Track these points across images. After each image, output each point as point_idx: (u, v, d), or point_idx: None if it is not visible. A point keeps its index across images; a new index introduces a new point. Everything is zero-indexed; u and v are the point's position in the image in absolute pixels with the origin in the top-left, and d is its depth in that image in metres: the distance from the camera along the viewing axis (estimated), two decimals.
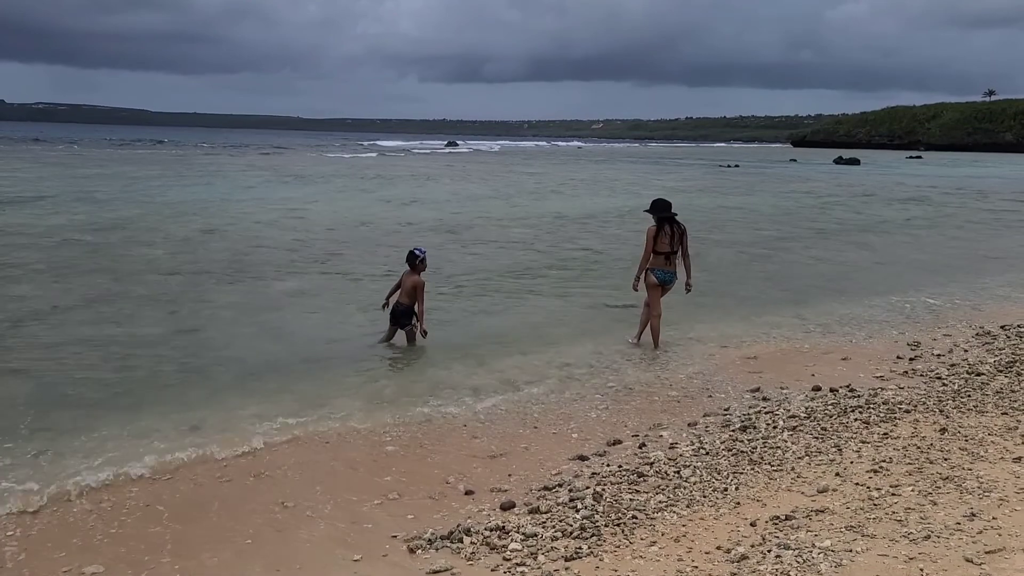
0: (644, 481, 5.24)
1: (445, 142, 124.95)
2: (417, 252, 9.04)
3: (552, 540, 4.43)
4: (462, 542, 4.48)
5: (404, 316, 8.94)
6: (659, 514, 4.70)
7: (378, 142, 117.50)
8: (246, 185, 32.04)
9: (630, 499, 4.93)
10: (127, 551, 4.52)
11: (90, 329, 9.30)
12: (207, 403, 6.97)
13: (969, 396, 6.98)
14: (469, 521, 4.78)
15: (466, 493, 5.26)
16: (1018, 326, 10.29)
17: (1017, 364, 8.14)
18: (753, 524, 4.48)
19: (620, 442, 6.16)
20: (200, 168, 43.15)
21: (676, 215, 9.10)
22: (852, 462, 5.41)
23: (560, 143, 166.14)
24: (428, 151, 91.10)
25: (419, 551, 4.43)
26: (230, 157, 57.63)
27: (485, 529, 4.62)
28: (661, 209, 9.03)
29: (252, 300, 11.17)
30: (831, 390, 7.43)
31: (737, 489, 5.04)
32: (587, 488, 5.13)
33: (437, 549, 4.43)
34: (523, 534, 4.52)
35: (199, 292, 11.57)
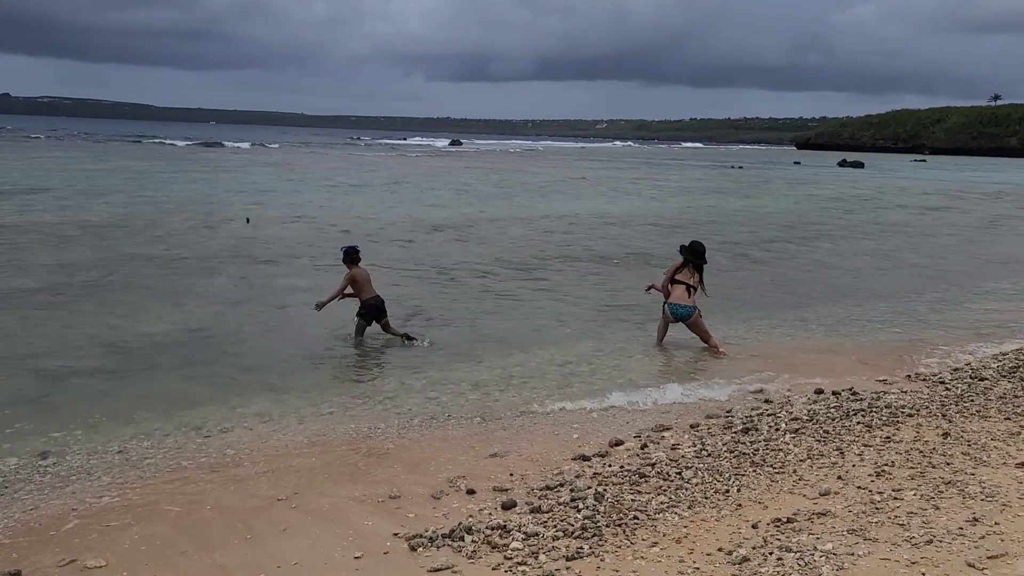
0: (646, 482, 5.23)
1: (448, 140, 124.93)
2: (357, 247, 9.32)
3: (553, 539, 4.43)
4: (463, 540, 4.47)
5: (383, 309, 9.09)
6: (661, 515, 4.69)
7: (433, 142, 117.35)
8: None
9: (632, 500, 4.92)
10: (129, 546, 4.53)
11: (95, 324, 9.32)
12: (210, 400, 6.98)
13: (972, 401, 6.97)
14: (470, 520, 4.77)
15: (467, 492, 5.25)
16: (1021, 330, 10.28)
17: (1020, 369, 8.11)
18: (755, 526, 4.47)
19: (622, 443, 6.16)
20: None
21: (705, 263, 9.24)
22: (854, 465, 5.40)
23: (576, 144, 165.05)
24: (454, 151, 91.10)
25: (420, 549, 4.42)
26: (256, 156, 57.63)
27: (486, 528, 4.61)
28: (692, 253, 9.18)
29: (255, 296, 11.18)
30: (833, 393, 7.42)
31: (739, 491, 5.03)
32: (589, 488, 5.12)
33: (438, 547, 4.43)
34: (524, 533, 4.51)
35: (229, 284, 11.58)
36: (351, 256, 9.13)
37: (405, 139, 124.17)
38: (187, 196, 24.67)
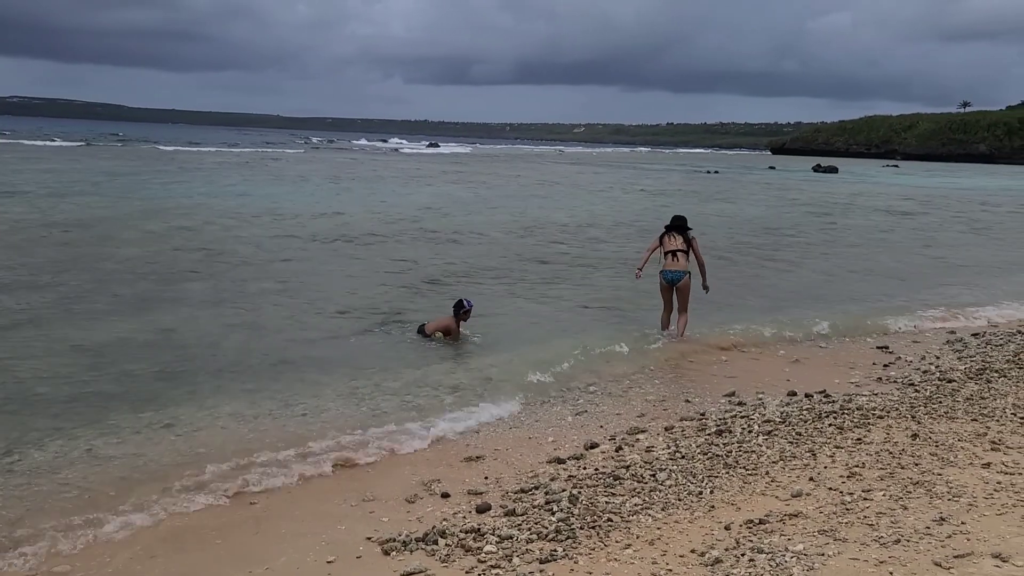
0: (620, 484, 5.25)
1: (427, 143, 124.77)
2: (465, 303, 9.49)
3: (527, 542, 4.43)
4: (437, 544, 4.47)
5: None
6: (634, 517, 4.72)
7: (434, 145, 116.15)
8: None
9: (606, 502, 4.94)
10: (96, 550, 4.47)
11: (62, 327, 9.17)
12: (181, 402, 6.89)
13: (940, 402, 7.08)
14: (444, 523, 4.76)
15: (442, 496, 5.25)
16: (987, 334, 10.47)
17: (987, 371, 8.27)
18: (727, 528, 4.51)
19: (597, 445, 6.18)
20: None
21: (688, 228, 9.89)
22: (826, 467, 5.46)
23: (589, 149, 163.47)
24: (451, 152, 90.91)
25: (393, 553, 4.41)
26: (243, 159, 56.92)
27: (460, 531, 4.61)
28: (673, 220, 9.96)
29: (228, 298, 11.07)
30: (806, 395, 7.51)
31: (712, 493, 5.07)
32: (563, 491, 5.13)
33: (412, 551, 4.42)
34: (498, 536, 4.51)
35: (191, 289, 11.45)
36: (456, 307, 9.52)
37: (386, 140, 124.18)
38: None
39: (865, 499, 4.82)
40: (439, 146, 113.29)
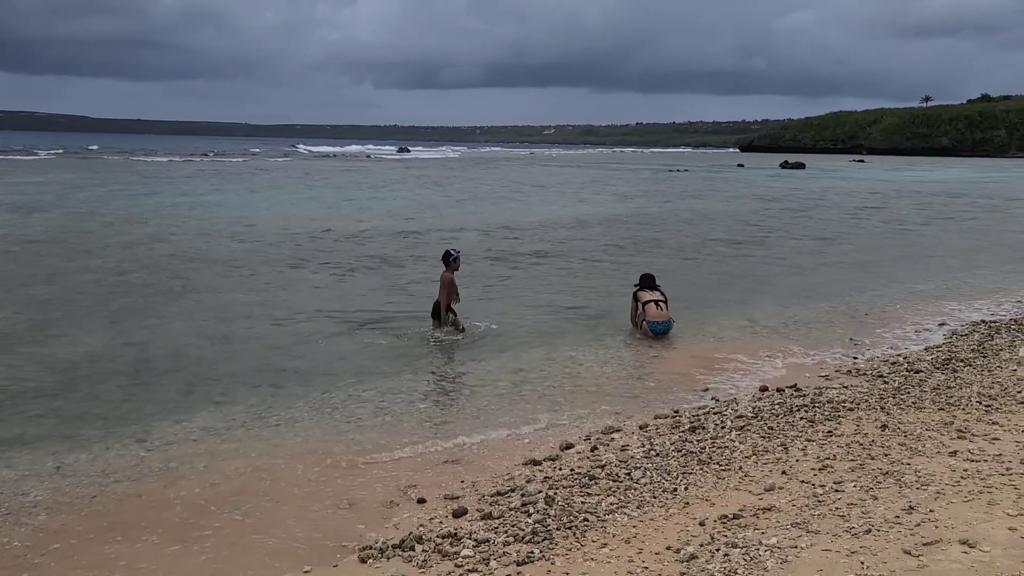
0: (596, 484, 5.28)
1: (397, 148, 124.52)
2: (452, 252, 9.83)
3: (504, 545, 4.43)
4: (414, 550, 4.45)
5: (437, 312, 9.75)
6: (610, 516, 4.74)
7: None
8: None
9: (582, 502, 4.96)
10: (63, 565, 4.39)
11: (31, 341, 9.01)
12: (153, 416, 6.81)
13: (908, 393, 7.20)
14: (421, 529, 4.75)
15: (418, 501, 5.23)
16: (953, 323, 10.66)
17: (953, 361, 8.42)
18: (702, 523, 4.55)
19: (572, 446, 6.20)
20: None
21: (659, 286, 10.34)
22: (798, 460, 5.53)
23: (581, 151, 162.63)
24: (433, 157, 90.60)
25: (370, 560, 4.39)
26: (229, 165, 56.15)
27: (437, 536, 4.60)
28: (646, 280, 10.37)
29: (200, 309, 10.95)
30: (778, 390, 7.59)
31: (686, 489, 5.11)
32: (539, 492, 5.14)
33: (389, 558, 4.40)
34: (475, 540, 4.51)
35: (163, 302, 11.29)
36: (444, 258, 9.87)
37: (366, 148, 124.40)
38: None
39: (836, 491, 4.89)
40: (409, 151, 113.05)
